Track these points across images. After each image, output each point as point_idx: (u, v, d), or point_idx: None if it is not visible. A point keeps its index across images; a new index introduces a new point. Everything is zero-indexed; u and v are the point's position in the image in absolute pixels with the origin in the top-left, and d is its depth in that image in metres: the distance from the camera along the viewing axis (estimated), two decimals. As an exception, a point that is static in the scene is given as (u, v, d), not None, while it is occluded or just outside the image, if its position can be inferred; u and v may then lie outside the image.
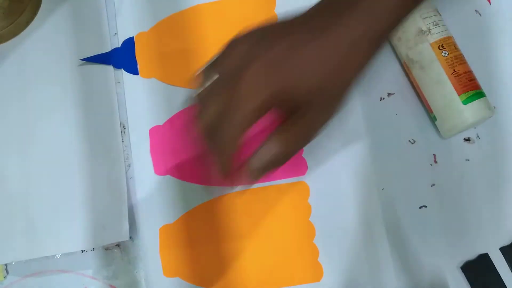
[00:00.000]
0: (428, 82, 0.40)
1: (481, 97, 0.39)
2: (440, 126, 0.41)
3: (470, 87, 0.39)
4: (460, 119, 0.39)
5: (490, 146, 0.42)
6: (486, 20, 0.44)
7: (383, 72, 0.43)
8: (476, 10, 0.44)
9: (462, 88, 0.39)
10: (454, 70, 0.39)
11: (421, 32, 0.40)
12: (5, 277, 0.43)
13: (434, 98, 0.40)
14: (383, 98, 0.43)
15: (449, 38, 0.40)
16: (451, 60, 0.39)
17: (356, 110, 0.43)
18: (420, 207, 0.41)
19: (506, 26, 0.44)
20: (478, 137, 0.42)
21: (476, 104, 0.39)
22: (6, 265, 0.43)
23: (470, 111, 0.39)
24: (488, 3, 0.44)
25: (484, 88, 0.40)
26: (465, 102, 0.39)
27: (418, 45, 0.40)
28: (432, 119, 0.41)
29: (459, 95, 0.39)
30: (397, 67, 0.43)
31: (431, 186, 0.41)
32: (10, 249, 0.42)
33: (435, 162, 0.42)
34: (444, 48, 0.40)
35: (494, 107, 0.42)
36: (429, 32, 0.40)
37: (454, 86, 0.39)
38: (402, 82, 0.43)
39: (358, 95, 0.43)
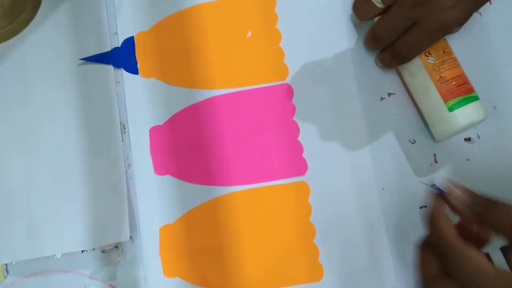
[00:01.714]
0: (416, 88, 0.40)
1: (470, 102, 0.38)
2: (432, 131, 0.41)
3: (458, 93, 0.38)
4: (447, 126, 0.39)
5: (490, 146, 0.42)
6: (486, 20, 0.44)
7: (383, 72, 0.43)
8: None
9: (448, 94, 0.38)
10: (440, 76, 0.39)
11: None
12: (5, 277, 0.43)
13: (423, 104, 0.40)
14: (383, 98, 0.43)
15: (439, 42, 0.39)
16: (438, 67, 0.39)
17: (356, 110, 0.43)
18: (420, 207, 0.41)
19: (506, 26, 0.44)
20: (478, 137, 0.42)
21: (464, 110, 0.38)
22: (6, 265, 0.43)
23: (457, 117, 0.38)
24: (489, 3, 0.44)
25: (484, 88, 0.40)
26: (451, 109, 0.38)
27: None
28: (425, 123, 0.42)
29: (445, 102, 0.38)
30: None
31: (431, 186, 0.41)
32: (10, 249, 0.42)
33: (435, 162, 0.42)
34: (431, 55, 0.39)
35: (495, 107, 0.42)
36: None
37: (440, 93, 0.39)
38: (402, 82, 0.43)
39: (358, 95, 0.43)
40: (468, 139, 0.42)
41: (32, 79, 0.45)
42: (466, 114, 0.38)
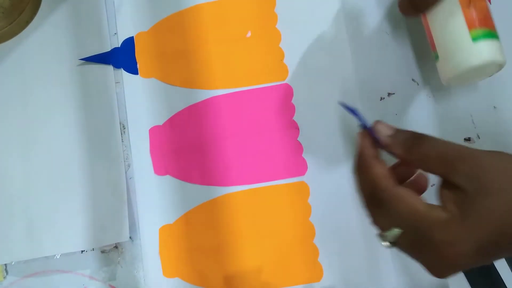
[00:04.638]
0: (438, 13, 0.36)
1: (494, 38, 0.34)
2: (441, 67, 0.36)
3: (484, 24, 0.34)
4: (464, 57, 0.34)
5: (490, 146, 0.42)
6: (486, 20, 0.44)
7: (383, 72, 0.43)
8: (476, 10, 0.44)
9: (474, 22, 0.33)
10: (469, 1, 0.34)
11: None
12: (4, 277, 0.43)
13: (441, 31, 0.35)
14: (383, 98, 0.43)
15: None
16: None
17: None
18: (420, 207, 0.41)
19: (506, 26, 0.44)
20: (478, 137, 0.42)
21: (486, 44, 0.33)
22: (5, 265, 0.43)
23: (478, 50, 0.33)
24: (488, 2, 0.44)
25: (484, 88, 0.40)
26: (474, 39, 0.33)
27: None
28: (434, 58, 0.38)
29: (469, 30, 0.33)
30: (397, 67, 0.43)
31: (431, 186, 0.41)
32: (10, 249, 0.42)
33: (435, 162, 0.42)
34: None
35: (495, 107, 0.42)
36: None
37: (466, 19, 0.34)
38: (402, 82, 0.43)
39: (358, 95, 0.43)
40: (468, 139, 0.42)
41: (32, 79, 0.45)
42: (489, 49, 0.33)
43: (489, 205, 0.24)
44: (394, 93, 0.43)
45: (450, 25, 0.35)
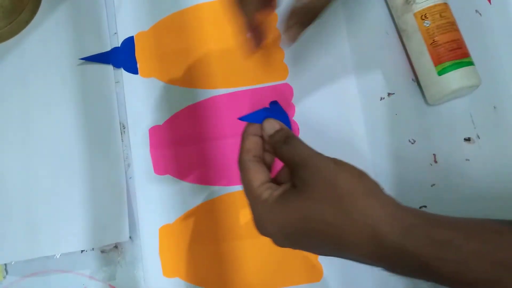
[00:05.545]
0: (412, 51, 0.41)
1: (461, 67, 0.39)
2: (425, 93, 0.42)
3: (449, 57, 0.39)
4: (437, 89, 0.39)
5: (490, 146, 0.42)
6: (486, 20, 0.44)
7: (383, 72, 0.43)
8: (476, 10, 0.44)
9: (439, 58, 0.39)
10: (433, 40, 0.39)
11: (406, 1, 0.41)
12: (4, 277, 0.43)
13: (417, 67, 0.41)
14: (383, 98, 0.43)
15: (437, 6, 0.40)
16: (432, 30, 0.39)
17: (356, 110, 0.43)
18: (420, 207, 0.41)
19: (506, 26, 0.44)
20: (478, 137, 0.42)
21: (453, 74, 0.39)
22: (5, 265, 0.43)
23: (446, 82, 0.39)
24: (488, 3, 0.44)
25: (484, 89, 0.40)
26: (440, 73, 0.39)
27: (404, 14, 0.41)
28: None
29: (435, 66, 0.39)
30: (396, 67, 0.43)
31: (431, 186, 0.41)
32: (9, 249, 0.42)
33: (435, 162, 0.42)
34: (427, 18, 0.40)
35: (495, 107, 0.42)
36: (414, 1, 0.40)
37: (431, 57, 0.39)
38: (402, 82, 0.43)
39: (358, 95, 0.43)
40: (468, 139, 0.42)
41: (32, 78, 0.45)
42: (455, 78, 0.39)
43: (299, 203, 0.28)
44: (394, 93, 0.43)
45: (420, 62, 0.41)
